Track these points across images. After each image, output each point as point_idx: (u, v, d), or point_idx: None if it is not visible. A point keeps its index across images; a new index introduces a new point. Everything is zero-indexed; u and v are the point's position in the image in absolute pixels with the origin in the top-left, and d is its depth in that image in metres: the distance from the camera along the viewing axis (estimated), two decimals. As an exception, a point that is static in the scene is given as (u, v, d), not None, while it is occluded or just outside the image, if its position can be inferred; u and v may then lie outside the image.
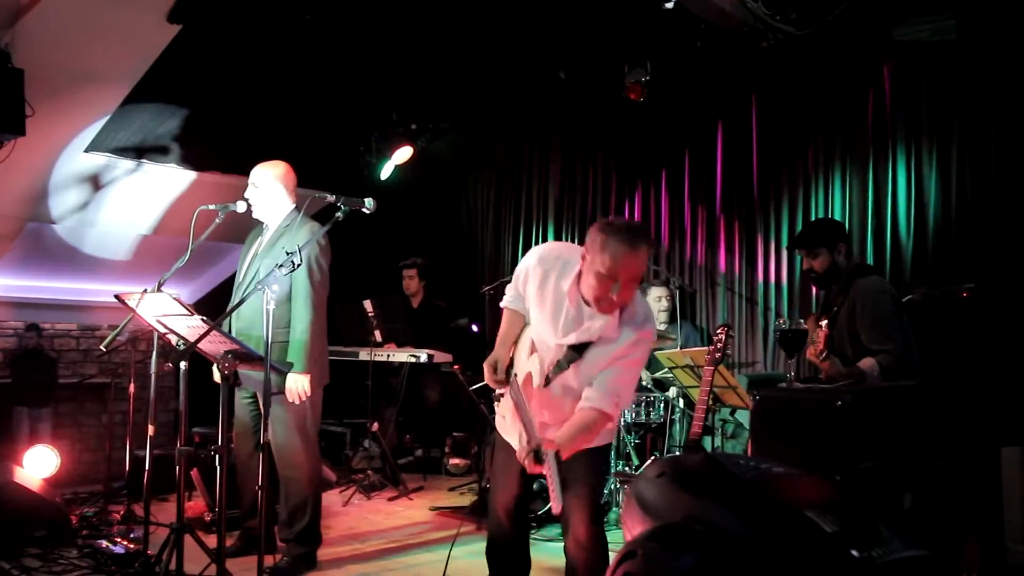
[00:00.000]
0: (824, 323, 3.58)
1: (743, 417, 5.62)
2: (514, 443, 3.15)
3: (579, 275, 2.93)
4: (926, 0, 5.19)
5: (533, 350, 3.11)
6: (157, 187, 6.54)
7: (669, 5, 4.74)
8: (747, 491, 1.33)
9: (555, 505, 2.75)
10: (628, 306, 2.93)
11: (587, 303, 2.91)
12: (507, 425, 3.21)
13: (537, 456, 2.78)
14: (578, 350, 2.96)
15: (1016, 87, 5.22)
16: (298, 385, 4.10)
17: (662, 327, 6.29)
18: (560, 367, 2.99)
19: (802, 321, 3.42)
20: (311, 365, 4.16)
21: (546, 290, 3.03)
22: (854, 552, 1.22)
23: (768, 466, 1.37)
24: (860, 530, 1.28)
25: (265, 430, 3.41)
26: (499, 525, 3.31)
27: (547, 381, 3.03)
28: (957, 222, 5.38)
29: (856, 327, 4.02)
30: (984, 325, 4.52)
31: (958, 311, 4.41)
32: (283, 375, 3.99)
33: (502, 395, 3.18)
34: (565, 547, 3.17)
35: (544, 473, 2.77)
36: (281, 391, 4.07)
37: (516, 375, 3.07)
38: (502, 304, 3.25)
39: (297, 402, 4.11)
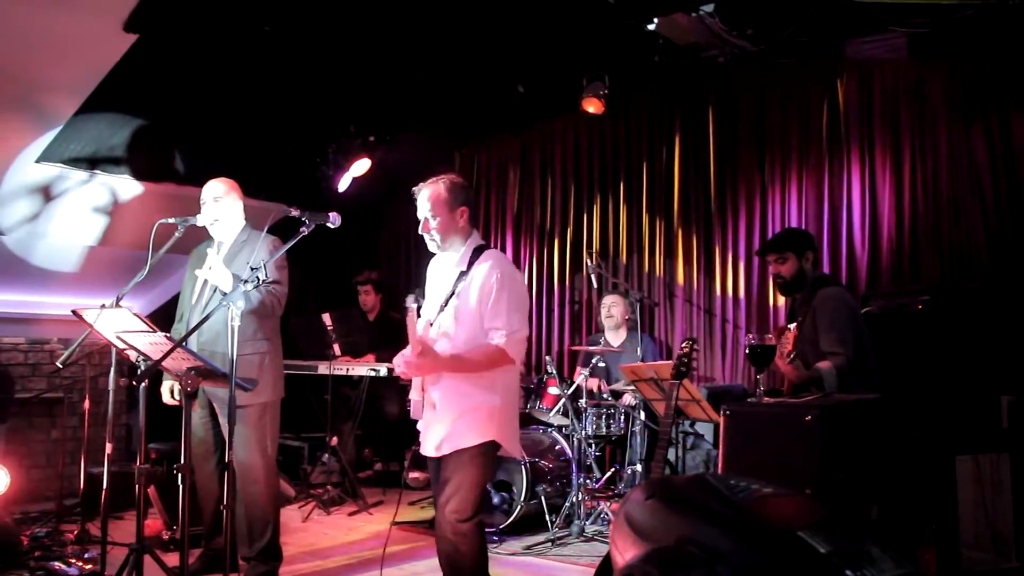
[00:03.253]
0: (793, 326, 3.65)
1: (703, 428, 5.67)
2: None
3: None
4: (878, 18, 5.30)
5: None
6: (110, 198, 6.41)
7: (651, 27, 4.82)
8: (739, 512, 1.33)
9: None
10: (456, 243, 3.42)
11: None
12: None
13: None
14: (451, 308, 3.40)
15: (964, 102, 5.36)
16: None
17: (620, 335, 6.35)
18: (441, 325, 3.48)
19: (770, 336, 3.46)
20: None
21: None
22: (848, 572, 1.23)
23: (758, 486, 1.37)
24: (852, 549, 1.29)
25: (230, 448, 3.36)
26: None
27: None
28: (910, 233, 5.50)
29: (817, 334, 4.09)
30: (938, 336, 4.62)
31: (914, 323, 4.50)
32: (248, 392, 3.92)
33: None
34: (436, 537, 3.31)
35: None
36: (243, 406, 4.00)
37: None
38: None
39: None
